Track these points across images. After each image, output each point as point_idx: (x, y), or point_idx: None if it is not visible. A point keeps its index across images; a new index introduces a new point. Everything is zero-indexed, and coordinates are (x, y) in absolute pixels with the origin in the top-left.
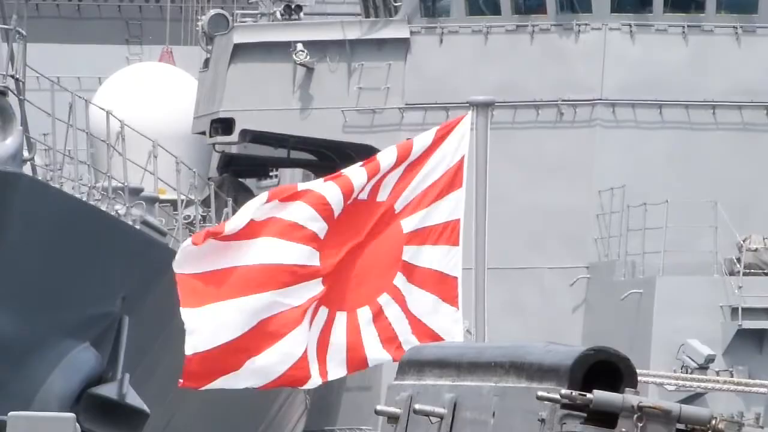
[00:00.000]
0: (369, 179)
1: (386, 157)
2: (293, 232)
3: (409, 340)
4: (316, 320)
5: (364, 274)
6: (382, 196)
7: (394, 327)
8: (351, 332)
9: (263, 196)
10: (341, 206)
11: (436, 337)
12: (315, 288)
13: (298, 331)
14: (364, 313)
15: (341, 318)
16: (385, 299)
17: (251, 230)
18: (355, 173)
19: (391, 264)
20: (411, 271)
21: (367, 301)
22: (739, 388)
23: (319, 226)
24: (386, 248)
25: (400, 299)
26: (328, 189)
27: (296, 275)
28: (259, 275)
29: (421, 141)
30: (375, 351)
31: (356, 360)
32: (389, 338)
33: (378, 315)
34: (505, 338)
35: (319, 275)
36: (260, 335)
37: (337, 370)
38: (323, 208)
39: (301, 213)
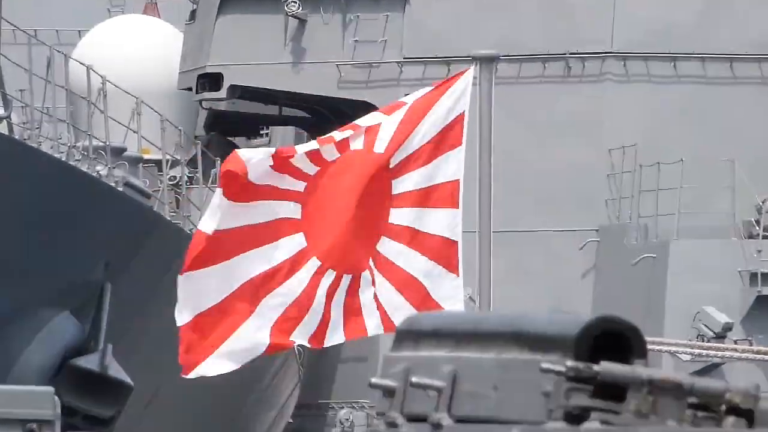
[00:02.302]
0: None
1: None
2: (276, 192)
3: (398, 310)
4: (323, 282)
5: (361, 235)
6: (379, 147)
7: (382, 297)
8: (351, 297)
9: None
10: (334, 156)
11: (435, 306)
12: (297, 242)
13: (279, 291)
14: (364, 277)
15: (346, 281)
16: (371, 264)
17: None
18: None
19: (377, 227)
20: (403, 235)
21: (364, 265)
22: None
23: (301, 183)
24: (374, 208)
25: (387, 266)
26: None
27: (276, 231)
28: (242, 236)
29: (416, 98)
30: (372, 320)
31: (354, 327)
32: (376, 307)
33: (372, 282)
34: (510, 306)
35: (300, 229)
36: (243, 297)
37: (334, 336)
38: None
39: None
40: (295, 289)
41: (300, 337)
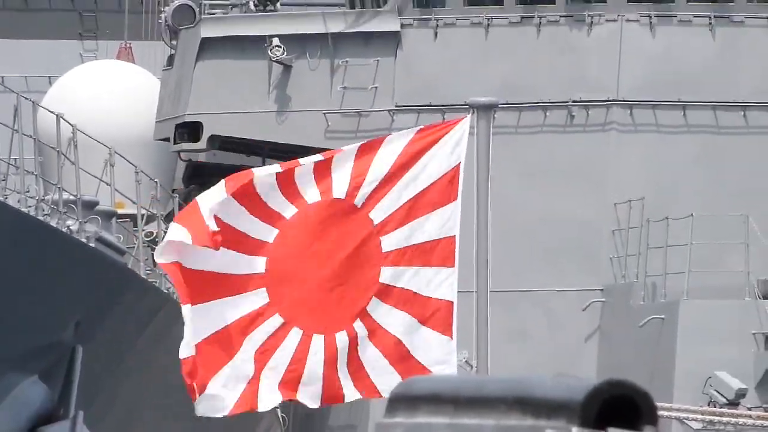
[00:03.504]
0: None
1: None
2: (241, 241)
3: (383, 375)
4: (288, 340)
5: (338, 292)
6: (359, 199)
7: (362, 360)
8: (329, 360)
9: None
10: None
11: (423, 371)
12: (259, 299)
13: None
14: (342, 339)
15: (318, 342)
16: (358, 326)
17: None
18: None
19: (366, 287)
20: (391, 295)
21: (344, 325)
22: None
23: (268, 231)
24: (361, 267)
25: (374, 328)
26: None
27: (240, 284)
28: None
29: (400, 137)
30: (350, 385)
31: (332, 392)
32: (358, 372)
33: (352, 344)
34: (510, 370)
35: (263, 284)
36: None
37: (309, 400)
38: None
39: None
40: (254, 344)
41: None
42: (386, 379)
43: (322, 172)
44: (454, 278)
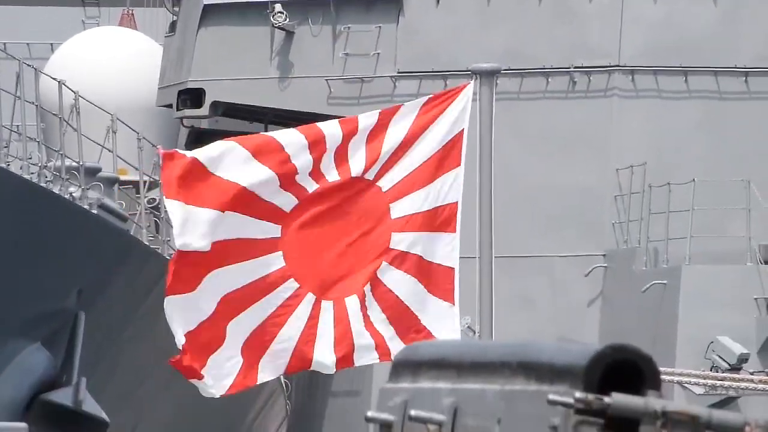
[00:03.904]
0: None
1: (366, 119)
2: (255, 205)
3: (391, 339)
4: (301, 307)
5: (349, 259)
6: (371, 171)
7: (375, 325)
8: (339, 325)
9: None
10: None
11: (425, 336)
12: (275, 262)
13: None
14: (353, 304)
15: (327, 307)
16: (368, 290)
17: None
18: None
19: (376, 252)
20: (401, 260)
21: (355, 290)
22: None
23: (285, 200)
24: (371, 233)
25: (383, 294)
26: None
27: (255, 249)
28: (222, 251)
29: (410, 109)
30: (361, 349)
31: (343, 356)
32: (374, 336)
33: (362, 308)
34: (513, 336)
35: (278, 249)
36: (221, 317)
37: (322, 364)
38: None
39: (266, 185)
40: (263, 312)
41: (270, 373)
42: (395, 343)
43: (342, 154)
44: (456, 244)
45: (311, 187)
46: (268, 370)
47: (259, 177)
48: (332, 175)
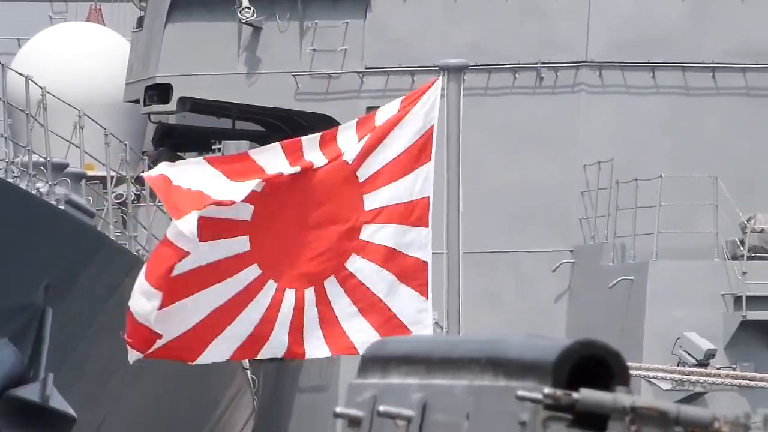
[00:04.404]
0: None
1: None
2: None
3: (360, 332)
4: (263, 293)
5: (317, 248)
6: (347, 155)
7: (338, 316)
8: (296, 313)
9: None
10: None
11: (400, 331)
12: (240, 246)
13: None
14: (310, 295)
15: (289, 296)
16: (333, 281)
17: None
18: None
19: (346, 244)
20: (371, 252)
21: (315, 282)
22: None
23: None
24: (342, 223)
25: (353, 284)
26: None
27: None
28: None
29: (386, 110)
30: (313, 341)
31: (295, 346)
32: (331, 327)
33: (322, 299)
34: (481, 332)
35: (245, 232)
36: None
37: (274, 350)
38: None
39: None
40: (225, 294)
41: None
42: (364, 336)
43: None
44: (428, 239)
45: (286, 170)
46: (215, 353)
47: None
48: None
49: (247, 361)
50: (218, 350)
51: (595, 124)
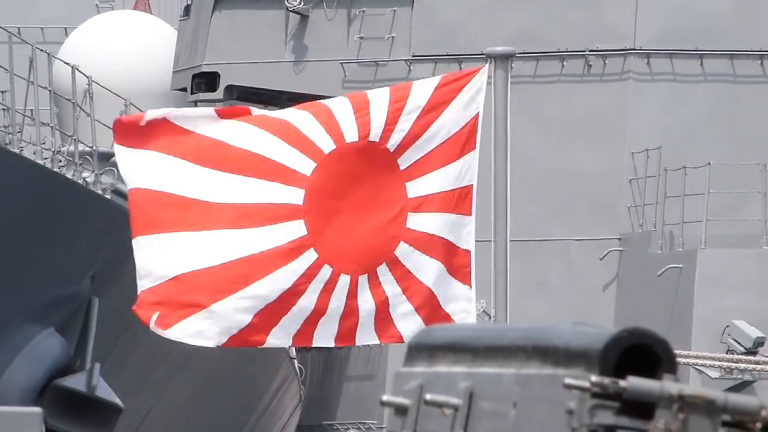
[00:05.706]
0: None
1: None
2: (275, 171)
3: (406, 320)
4: (318, 278)
5: (366, 235)
6: (391, 142)
7: (390, 305)
8: (350, 301)
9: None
10: (331, 144)
11: (445, 318)
12: (296, 230)
13: (270, 279)
14: (363, 282)
15: (344, 282)
16: (384, 269)
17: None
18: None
19: (393, 232)
20: (418, 241)
21: (367, 269)
22: None
23: (306, 165)
24: (387, 212)
25: (401, 273)
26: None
27: (273, 214)
28: (230, 212)
29: (424, 88)
30: (364, 328)
31: (346, 333)
32: (381, 316)
33: (375, 287)
34: (528, 320)
35: (300, 216)
36: (224, 276)
37: (326, 337)
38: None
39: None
40: (286, 280)
41: (279, 340)
42: (410, 324)
43: (361, 111)
44: (471, 227)
45: (328, 146)
46: (279, 337)
47: (263, 139)
48: (351, 135)
49: (294, 350)
50: (280, 336)
51: (643, 112)
